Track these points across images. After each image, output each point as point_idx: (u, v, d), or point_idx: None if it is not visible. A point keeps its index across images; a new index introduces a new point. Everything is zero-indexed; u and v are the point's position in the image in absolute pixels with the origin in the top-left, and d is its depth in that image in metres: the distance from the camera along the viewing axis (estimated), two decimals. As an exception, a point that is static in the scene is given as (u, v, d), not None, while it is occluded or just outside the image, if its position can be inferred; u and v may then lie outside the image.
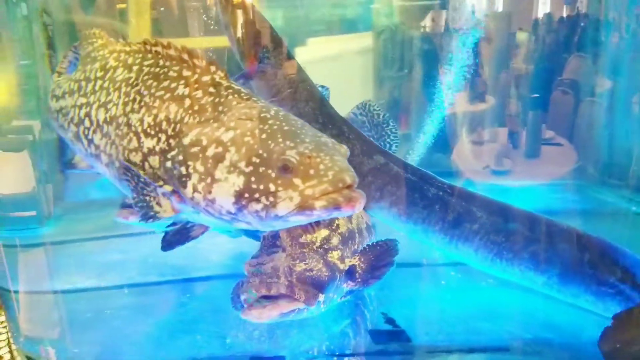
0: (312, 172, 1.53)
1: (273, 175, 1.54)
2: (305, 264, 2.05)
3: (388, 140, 2.98)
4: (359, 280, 2.22)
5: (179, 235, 2.08)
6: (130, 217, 2.38)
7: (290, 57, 2.65)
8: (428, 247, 2.56)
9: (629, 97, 3.41)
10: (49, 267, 2.66)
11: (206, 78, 1.81)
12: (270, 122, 1.64)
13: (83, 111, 2.05)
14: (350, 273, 2.21)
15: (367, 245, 2.29)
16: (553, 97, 3.88)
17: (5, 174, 2.74)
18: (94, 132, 1.99)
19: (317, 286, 2.02)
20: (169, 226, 2.04)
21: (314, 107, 2.58)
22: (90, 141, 2.01)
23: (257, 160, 1.57)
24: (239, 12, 2.58)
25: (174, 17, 2.88)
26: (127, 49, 2.06)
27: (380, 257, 2.25)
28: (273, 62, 2.59)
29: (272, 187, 1.54)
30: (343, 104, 2.83)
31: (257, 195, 1.55)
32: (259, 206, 1.55)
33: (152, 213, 1.82)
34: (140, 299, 2.71)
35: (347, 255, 2.24)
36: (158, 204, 1.81)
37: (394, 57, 4.02)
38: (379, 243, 2.27)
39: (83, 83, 2.11)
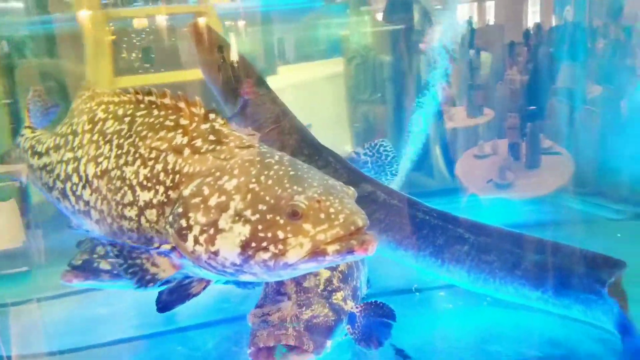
0: (322, 216, 1.48)
1: (281, 221, 1.49)
2: (311, 310, 1.99)
3: (384, 179, 2.97)
4: (356, 333, 2.14)
5: (176, 293, 1.90)
6: (74, 280, 2.32)
7: (270, 90, 2.69)
8: (419, 273, 2.55)
9: (617, 103, 3.40)
10: (39, 327, 2.63)
11: (205, 126, 1.76)
12: (275, 167, 1.60)
13: (70, 167, 2.00)
14: (351, 320, 2.15)
15: (372, 303, 2.19)
16: (549, 107, 3.89)
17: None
18: (83, 187, 1.92)
19: (325, 333, 1.98)
20: (162, 284, 1.90)
21: (298, 138, 2.61)
22: (79, 197, 1.95)
23: (264, 208, 1.51)
24: (218, 49, 2.63)
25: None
26: (116, 99, 2.00)
27: (377, 326, 2.16)
28: (255, 96, 2.63)
29: (280, 235, 1.48)
30: (318, 130, 2.86)
31: (265, 244, 1.49)
32: (267, 255, 1.49)
33: (149, 277, 1.73)
34: (142, 354, 2.64)
35: (349, 293, 2.20)
36: (154, 264, 1.73)
37: (367, 81, 4.09)
38: (380, 307, 2.17)
39: (70, 137, 2.06)
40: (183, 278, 1.87)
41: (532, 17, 4.55)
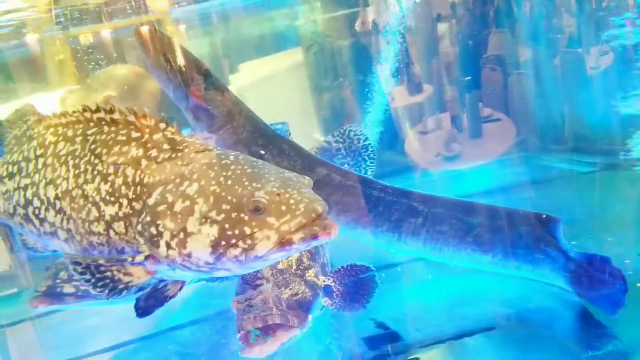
0: (284, 208, 1.64)
1: (246, 218, 1.64)
2: (290, 289, 2.21)
3: (364, 165, 3.24)
4: (336, 301, 2.40)
5: (153, 298, 2.05)
6: (39, 306, 2.52)
7: (222, 85, 2.85)
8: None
9: (550, 62, 3.71)
10: (35, 345, 2.79)
11: (158, 136, 1.89)
12: (232, 167, 1.74)
13: (29, 192, 2.11)
14: (327, 292, 2.40)
15: (342, 268, 2.43)
16: (483, 75, 4.19)
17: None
18: (46, 210, 2.04)
19: (306, 308, 2.20)
20: (137, 291, 2.04)
21: (252, 130, 2.81)
22: (43, 220, 2.06)
23: (228, 207, 1.66)
24: (166, 49, 2.75)
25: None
26: (63, 121, 2.10)
27: (360, 285, 2.41)
28: (207, 93, 2.79)
29: (247, 230, 1.63)
30: (286, 119, 3.07)
31: (234, 241, 1.64)
32: (237, 251, 1.64)
33: (121, 286, 1.84)
34: (135, 357, 2.81)
35: (319, 269, 2.44)
36: (126, 273, 1.86)
37: (327, 68, 4.27)
38: (354, 269, 2.41)
39: (23, 164, 2.17)
40: (158, 282, 2.00)
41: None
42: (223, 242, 1.65)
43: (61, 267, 2.61)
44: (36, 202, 2.07)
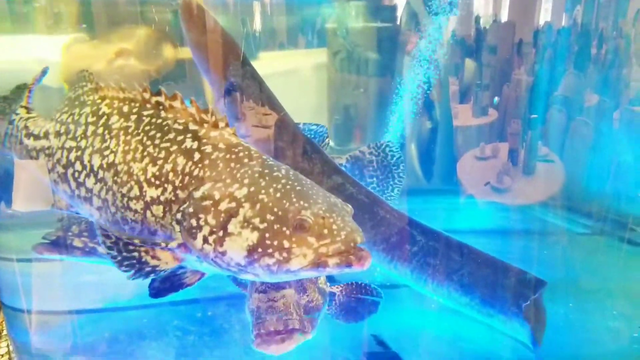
0: (326, 231, 1.86)
1: (288, 232, 1.85)
2: (307, 295, 2.47)
3: (392, 182, 3.52)
4: (332, 309, 2.74)
5: (169, 282, 2.22)
6: (45, 253, 2.78)
7: (258, 76, 3.08)
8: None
9: (609, 116, 3.71)
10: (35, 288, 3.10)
11: (214, 134, 2.10)
12: (282, 181, 1.96)
13: (73, 154, 2.32)
14: (329, 299, 2.71)
15: (354, 284, 2.76)
16: (548, 114, 4.22)
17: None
18: (87, 176, 2.26)
19: (317, 315, 2.49)
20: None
21: (280, 126, 3.02)
22: (81, 184, 2.29)
23: (272, 218, 1.86)
24: (209, 29, 2.95)
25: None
26: (121, 95, 2.30)
27: (361, 304, 2.72)
28: (243, 81, 3.02)
29: (286, 244, 1.85)
30: (298, 118, 3.28)
31: (270, 250, 1.85)
32: (271, 260, 1.86)
33: (148, 269, 2.03)
34: (132, 322, 3.12)
35: (325, 276, 2.72)
36: (154, 257, 2.04)
37: (351, 76, 4.54)
38: (364, 288, 2.71)
39: (72, 126, 2.37)
40: (177, 268, 2.20)
41: (544, 14, 4.75)
42: (259, 250, 1.85)
43: (74, 221, 2.90)
44: (78, 166, 2.29)
